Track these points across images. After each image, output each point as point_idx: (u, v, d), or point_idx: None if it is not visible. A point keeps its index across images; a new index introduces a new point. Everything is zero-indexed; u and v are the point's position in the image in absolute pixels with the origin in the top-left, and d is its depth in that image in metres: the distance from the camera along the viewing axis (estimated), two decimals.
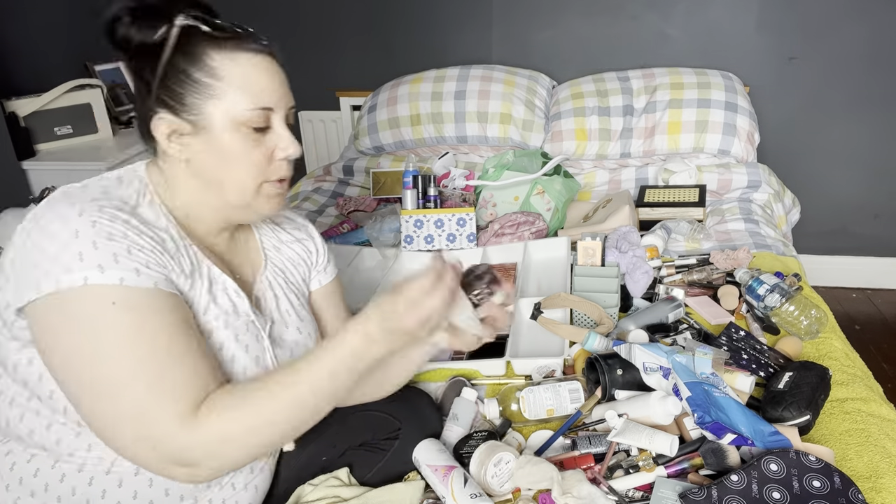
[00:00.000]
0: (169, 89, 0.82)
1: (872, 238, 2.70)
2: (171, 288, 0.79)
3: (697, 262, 1.65)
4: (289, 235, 1.07)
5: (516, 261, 1.77)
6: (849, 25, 2.38)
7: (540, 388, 1.16)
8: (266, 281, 0.99)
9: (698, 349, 1.13)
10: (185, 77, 0.81)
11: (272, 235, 1.05)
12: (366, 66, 2.79)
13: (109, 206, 0.78)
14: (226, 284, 0.89)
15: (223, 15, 0.90)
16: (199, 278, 0.86)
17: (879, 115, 2.49)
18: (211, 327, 0.85)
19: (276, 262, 1.03)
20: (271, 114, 0.85)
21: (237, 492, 0.92)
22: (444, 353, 1.39)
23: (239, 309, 0.89)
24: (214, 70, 0.81)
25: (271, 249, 1.04)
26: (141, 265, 0.76)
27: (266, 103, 0.84)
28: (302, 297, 1.05)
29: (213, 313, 0.86)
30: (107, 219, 0.76)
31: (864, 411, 1.15)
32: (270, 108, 0.85)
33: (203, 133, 0.83)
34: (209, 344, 0.84)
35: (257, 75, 0.84)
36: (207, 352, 0.81)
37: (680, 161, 2.19)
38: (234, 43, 0.83)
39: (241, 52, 0.83)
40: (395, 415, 1.12)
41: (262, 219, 0.97)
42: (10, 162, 2.25)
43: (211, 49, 0.82)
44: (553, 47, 2.62)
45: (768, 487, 0.91)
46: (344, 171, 2.46)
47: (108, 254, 0.74)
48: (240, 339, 0.88)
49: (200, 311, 0.85)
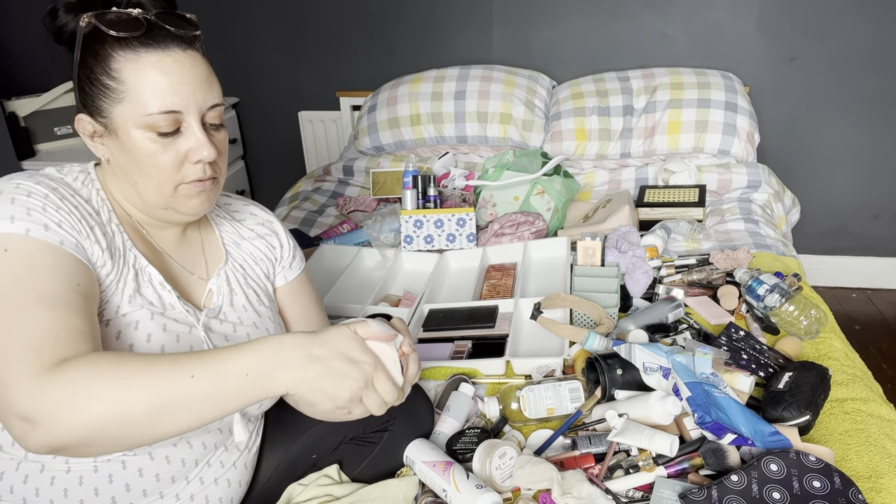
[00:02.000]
0: (83, 91, 0.81)
1: (872, 238, 2.70)
2: (77, 252, 0.78)
3: (697, 262, 1.65)
4: (250, 231, 1.06)
5: (516, 261, 1.77)
6: (849, 25, 2.38)
7: (540, 388, 1.16)
8: (224, 275, 0.98)
9: (698, 349, 1.13)
10: (94, 79, 0.79)
11: (233, 231, 1.04)
12: (366, 66, 2.79)
13: (42, 176, 0.80)
14: (151, 276, 0.87)
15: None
16: (124, 265, 0.84)
17: (879, 115, 2.49)
18: (137, 317, 0.83)
19: (236, 257, 1.02)
20: (180, 116, 0.81)
21: (206, 486, 0.91)
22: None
23: (164, 301, 0.87)
24: (118, 72, 0.78)
25: (231, 245, 1.02)
26: (52, 222, 0.76)
27: (171, 106, 0.79)
28: (264, 293, 1.03)
29: (139, 302, 0.84)
30: (32, 182, 0.78)
31: (863, 411, 1.15)
32: (177, 112, 0.80)
33: (114, 136, 0.81)
34: (133, 332, 0.82)
35: (161, 77, 0.79)
36: (93, 321, 0.76)
37: (680, 161, 2.19)
38: (139, 41, 0.78)
39: (145, 50, 0.78)
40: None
41: (191, 218, 0.90)
42: (10, 162, 2.25)
43: (116, 49, 0.78)
44: (553, 47, 2.62)
45: (768, 487, 0.91)
46: (344, 171, 2.46)
47: (22, 208, 0.75)
48: (168, 329, 0.86)
49: (125, 298, 0.83)
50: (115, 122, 0.80)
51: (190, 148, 0.82)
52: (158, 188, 0.83)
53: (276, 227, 1.09)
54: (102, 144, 0.84)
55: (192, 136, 0.82)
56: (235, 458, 0.97)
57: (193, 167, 0.84)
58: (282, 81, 2.90)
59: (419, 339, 1.45)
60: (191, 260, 0.96)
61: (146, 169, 0.82)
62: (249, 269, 1.03)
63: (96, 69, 0.79)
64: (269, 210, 1.12)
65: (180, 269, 0.94)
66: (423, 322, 1.50)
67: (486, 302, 1.54)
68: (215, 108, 0.85)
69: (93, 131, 0.83)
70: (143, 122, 0.79)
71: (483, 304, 1.54)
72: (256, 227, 1.07)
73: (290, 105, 2.94)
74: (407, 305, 1.60)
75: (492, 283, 1.68)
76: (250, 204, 1.10)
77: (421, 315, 1.53)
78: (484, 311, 1.50)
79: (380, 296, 1.64)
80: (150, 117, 0.79)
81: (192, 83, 0.81)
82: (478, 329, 1.45)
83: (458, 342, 1.42)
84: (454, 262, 1.81)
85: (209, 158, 0.83)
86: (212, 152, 0.83)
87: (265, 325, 1.00)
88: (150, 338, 0.83)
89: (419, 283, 1.73)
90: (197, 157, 0.83)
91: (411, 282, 1.76)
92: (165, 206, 0.86)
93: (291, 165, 3.07)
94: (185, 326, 0.88)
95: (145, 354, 0.69)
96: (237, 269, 1.00)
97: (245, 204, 1.10)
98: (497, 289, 1.64)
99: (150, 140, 0.80)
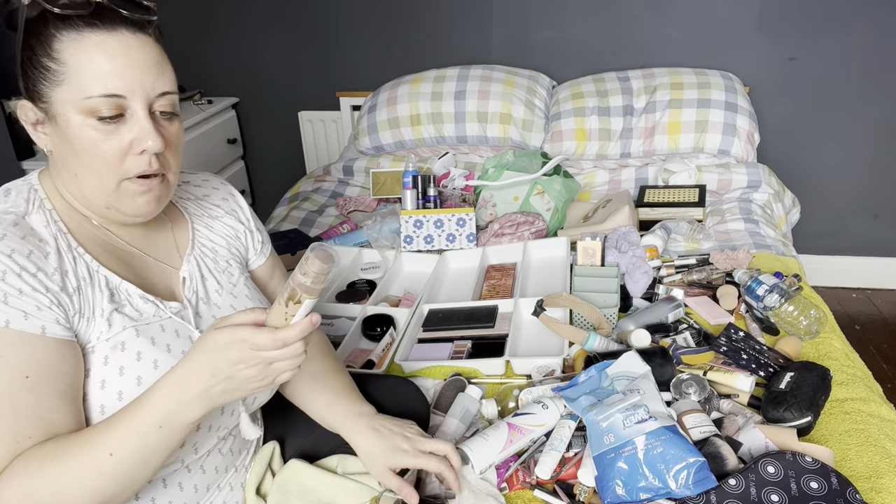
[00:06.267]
0: (25, 75, 0.76)
1: (872, 238, 2.70)
2: (61, 328, 0.74)
3: (697, 262, 1.65)
4: (217, 208, 1.01)
5: (516, 261, 1.77)
6: (849, 25, 2.38)
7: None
8: (193, 261, 0.94)
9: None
10: (36, 62, 0.74)
11: (201, 212, 0.99)
12: (366, 66, 2.79)
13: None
14: (129, 291, 0.82)
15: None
16: (94, 290, 0.79)
17: (879, 115, 2.49)
18: (122, 338, 0.80)
19: (204, 241, 0.97)
20: (124, 101, 0.75)
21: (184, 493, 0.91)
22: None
23: (148, 312, 0.83)
24: (59, 52, 0.73)
25: (202, 227, 0.98)
26: (29, 308, 0.72)
27: (113, 89, 0.74)
28: (240, 273, 1.00)
29: (120, 323, 0.80)
30: None
31: (863, 411, 1.15)
32: (121, 96, 0.74)
33: (55, 122, 0.76)
34: (120, 354, 0.79)
35: (105, 58, 0.73)
36: (65, 405, 0.74)
37: (680, 161, 2.19)
38: (85, 21, 0.73)
39: (90, 31, 0.73)
40: (380, 410, 1.09)
41: (137, 220, 0.83)
42: (10, 162, 2.25)
43: (60, 29, 0.73)
44: (553, 47, 2.62)
45: (766, 490, 0.91)
46: (344, 171, 2.46)
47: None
48: (157, 342, 0.82)
49: (104, 322, 0.79)
50: (55, 107, 0.75)
51: (134, 137, 0.76)
52: (100, 182, 0.78)
53: (239, 202, 1.05)
54: (45, 133, 0.78)
55: (136, 124, 0.76)
56: (243, 479, 0.98)
57: (137, 159, 0.77)
58: (282, 81, 2.90)
59: (419, 339, 1.46)
60: (164, 251, 0.92)
61: (86, 160, 0.76)
62: (221, 249, 0.99)
63: (38, 51, 0.74)
64: (228, 183, 1.07)
65: (155, 263, 0.90)
66: (423, 322, 1.50)
67: (486, 302, 1.54)
68: (166, 95, 0.79)
69: (35, 119, 0.78)
70: (83, 105, 0.74)
71: (483, 304, 1.53)
72: (222, 203, 1.02)
73: (290, 105, 2.94)
74: (407, 306, 1.60)
75: (492, 283, 1.68)
76: (210, 178, 1.05)
77: (421, 315, 1.53)
78: (484, 310, 1.50)
79: (380, 296, 1.64)
80: (90, 101, 0.73)
81: (138, 67, 0.75)
82: (477, 329, 1.45)
83: (457, 342, 1.42)
84: (454, 262, 1.81)
85: (154, 149, 0.77)
86: (157, 142, 0.77)
87: (244, 306, 0.97)
88: (140, 356, 0.80)
89: (419, 283, 1.73)
90: (141, 146, 0.77)
91: (411, 282, 1.76)
92: (108, 205, 0.80)
93: (291, 165, 3.07)
94: (171, 333, 0.85)
95: (59, 448, 0.71)
96: (206, 254, 0.96)
97: (204, 179, 1.05)
98: (497, 289, 1.64)
99: (91, 127, 0.75)
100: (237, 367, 0.69)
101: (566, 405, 1.10)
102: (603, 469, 0.95)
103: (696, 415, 1.05)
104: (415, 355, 1.40)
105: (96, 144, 0.75)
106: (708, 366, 1.23)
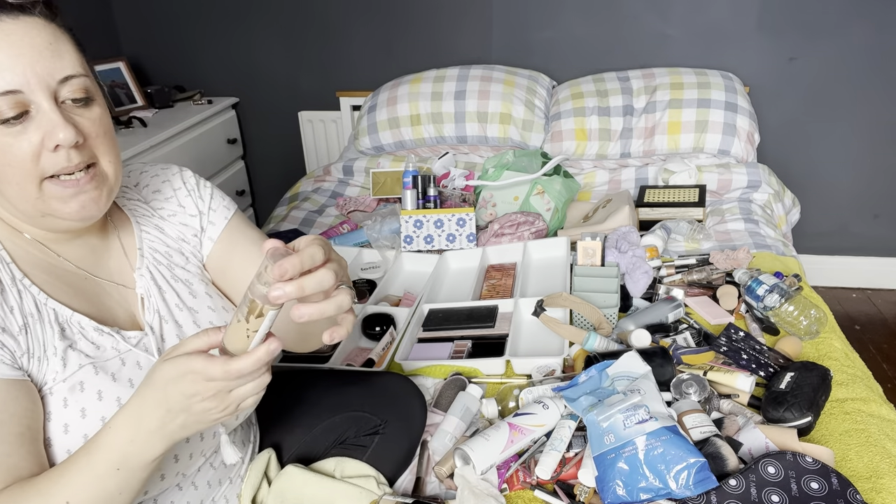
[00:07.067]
0: None
1: (872, 238, 2.70)
2: (8, 368, 0.69)
3: (697, 262, 1.65)
4: (169, 203, 0.90)
5: (516, 261, 1.77)
6: (849, 25, 2.38)
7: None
8: (147, 273, 0.85)
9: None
10: None
11: (150, 213, 0.89)
12: (366, 66, 2.79)
13: None
14: (81, 325, 0.75)
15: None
16: (42, 327, 0.73)
17: (879, 114, 2.49)
18: (79, 377, 0.73)
19: (155, 244, 0.88)
20: (23, 97, 0.67)
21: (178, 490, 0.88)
22: None
23: (104, 348, 0.76)
24: None
25: (154, 230, 0.88)
26: None
27: (6, 86, 0.65)
28: (200, 279, 0.90)
29: (76, 361, 0.73)
30: None
31: (863, 411, 1.15)
32: (17, 91, 0.66)
33: None
34: (79, 395, 0.73)
35: None
36: (24, 447, 0.69)
37: (680, 161, 2.19)
38: None
39: None
40: (379, 414, 1.08)
41: (79, 225, 0.76)
42: None
43: None
44: (553, 47, 2.61)
45: (767, 490, 0.91)
46: (344, 171, 2.46)
47: None
48: (118, 377, 0.76)
49: (58, 362, 0.72)
50: None
51: (44, 133, 0.68)
52: (20, 190, 0.69)
53: (185, 177, 0.92)
54: None
55: (43, 118, 0.68)
56: (238, 489, 0.96)
57: (53, 157, 0.69)
58: (282, 81, 2.89)
59: (419, 339, 1.46)
60: (117, 268, 0.84)
61: (2, 170, 0.68)
62: (175, 254, 0.89)
63: None
64: (172, 164, 0.95)
65: (109, 286, 0.82)
66: (424, 322, 1.50)
67: (486, 302, 1.54)
68: (71, 80, 0.70)
69: None
70: None
71: (483, 304, 1.53)
72: (177, 193, 0.91)
73: (290, 105, 2.94)
74: (407, 305, 1.60)
75: (491, 283, 1.68)
76: (149, 168, 0.94)
77: (421, 315, 1.53)
78: (484, 310, 1.50)
79: (380, 296, 1.64)
80: None
81: (28, 55, 0.67)
82: (477, 329, 1.45)
83: (457, 342, 1.42)
84: (454, 262, 1.81)
85: (68, 142, 0.68)
86: (69, 133, 0.68)
87: (207, 319, 0.88)
88: (101, 395, 0.74)
89: (419, 283, 1.73)
90: (53, 141, 0.68)
91: (411, 282, 1.76)
92: (41, 213, 0.72)
93: (291, 165, 3.07)
94: (133, 366, 0.78)
95: (12, 501, 0.65)
96: (159, 261, 0.87)
97: (153, 176, 0.92)
98: (497, 289, 1.64)
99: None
100: (192, 399, 0.62)
101: (566, 405, 1.10)
102: (603, 469, 0.95)
103: (696, 415, 1.05)
104: (415, 355, 1.40)
105: (5, 151, 0.67)
106: (708, 366, 1.23)
